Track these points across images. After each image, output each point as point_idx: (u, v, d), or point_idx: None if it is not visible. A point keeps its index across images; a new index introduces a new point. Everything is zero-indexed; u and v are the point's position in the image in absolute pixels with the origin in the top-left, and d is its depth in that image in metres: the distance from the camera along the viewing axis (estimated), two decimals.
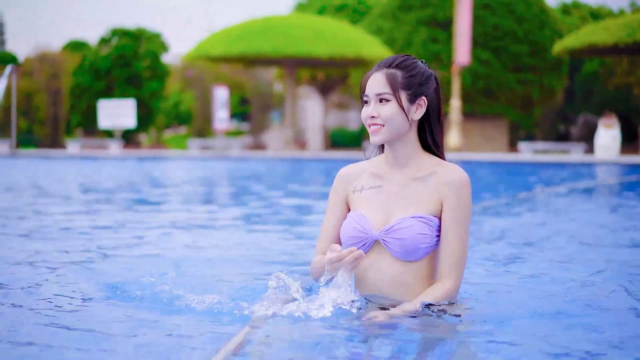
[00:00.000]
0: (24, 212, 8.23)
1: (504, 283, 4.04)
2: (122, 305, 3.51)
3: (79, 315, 3.34)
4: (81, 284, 4.04)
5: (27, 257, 4.92)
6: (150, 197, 10.88)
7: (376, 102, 3.06)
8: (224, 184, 14.50)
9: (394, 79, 3.04)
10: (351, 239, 3.12)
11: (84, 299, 3.66)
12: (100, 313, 3.41)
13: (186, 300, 3.38)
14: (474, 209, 8.52)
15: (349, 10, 40.31)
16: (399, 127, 3.06)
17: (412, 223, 3.03)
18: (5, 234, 6.30)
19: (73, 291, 3.80)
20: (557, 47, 27.15)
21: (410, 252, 3.04)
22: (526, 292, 3.78)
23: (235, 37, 27.60)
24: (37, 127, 37.09)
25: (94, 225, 6.98)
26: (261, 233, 6.62)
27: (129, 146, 33.70)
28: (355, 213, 3.16)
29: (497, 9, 30.61)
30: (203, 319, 3.19)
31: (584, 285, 3.95)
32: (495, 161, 22.48)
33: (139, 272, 4.21)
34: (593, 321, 3.16)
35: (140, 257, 5.18)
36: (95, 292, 3.82)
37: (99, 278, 4.18)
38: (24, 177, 14.88)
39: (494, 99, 31.12)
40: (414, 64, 3.09)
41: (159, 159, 25.19)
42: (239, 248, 5.62)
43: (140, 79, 35.33)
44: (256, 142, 35.15)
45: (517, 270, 4.57)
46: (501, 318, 3.18)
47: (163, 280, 3.79)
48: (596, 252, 5.43)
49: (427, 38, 30.39)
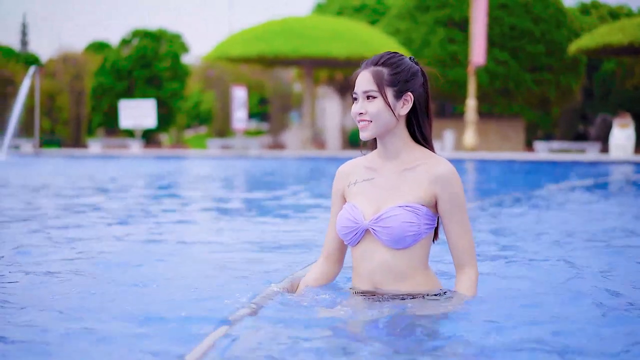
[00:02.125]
0: (51, 208, 8.58)
1: (498, 275, 4.17)
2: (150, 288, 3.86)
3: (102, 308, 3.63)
4: (103, 276, 4.38)
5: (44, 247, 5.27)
6: (173, 193, 11.17)
7: (364, 99, 3.15)
8: (242, 182, 14.76)
9: (379, 76, 3.14)
10: (344, 229, 3.23)
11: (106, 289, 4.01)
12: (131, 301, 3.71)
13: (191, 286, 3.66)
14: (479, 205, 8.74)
15: (368, 10, 40.39)
16: (386, 123, 3.15)
17: (398, 212, 3.12)
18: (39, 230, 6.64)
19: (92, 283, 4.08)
20: (573, 47, 27.19)
21: (398, 240, 3.12)
22: (522, 287, 3.85)
23: (254, 37, 27.79)
24: (59, 127, 37.45)
25: (126, 219, 7.32)
26: (277, 226, 6.89)
27: (150, 146, 34.00)
28: (348, 204, 3.27)
29: (515, 9, 30.71)
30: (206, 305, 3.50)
31: (590, 282, 3.99)
32: (504, 159, 22.56)
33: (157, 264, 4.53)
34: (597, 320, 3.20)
35: (159, 249, 5.48)
36: (123, 283, 4.16)
37: (122, 271, 4.52)
38: (55, 175, 15.25)
39: (511, 99, 31.23)
40: (399, 61, 3.19)
41: (179, 158, 25.45)
42: (253, 241, 5.81)
43: (161, 79, 35.55)
44: (275, 141, 35.29)
45: (514, 266, 4.65)
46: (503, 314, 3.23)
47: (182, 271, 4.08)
48: (594, 249, 5.50)
49: (444, 38, 30.54)
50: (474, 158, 22.86)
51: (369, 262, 3.22)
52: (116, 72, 35.46)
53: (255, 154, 26.11)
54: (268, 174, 16.67)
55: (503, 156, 23.77)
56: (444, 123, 31.91)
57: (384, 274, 3.19)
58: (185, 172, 18.07)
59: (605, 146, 27.84)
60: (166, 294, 3.70)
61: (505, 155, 24.59)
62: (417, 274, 3.20)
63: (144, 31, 36.53)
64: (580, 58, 30.82)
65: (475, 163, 21.25)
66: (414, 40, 30.70)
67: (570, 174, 16.11)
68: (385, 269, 3.18)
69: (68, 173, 16.49)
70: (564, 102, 32.82)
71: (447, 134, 27.71)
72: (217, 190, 12.39)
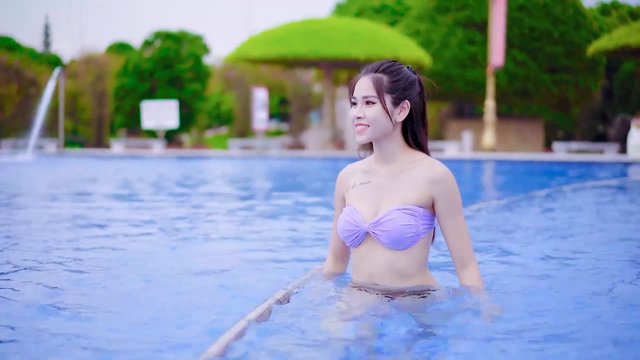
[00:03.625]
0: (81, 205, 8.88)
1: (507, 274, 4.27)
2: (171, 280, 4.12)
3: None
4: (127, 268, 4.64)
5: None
6: (203, 192, 11.43)
7: (362, 104, 3.27)
8: (263, 181, 14.96)
9: (379, 83, 3.24)
10: (345, 231, 3.33)
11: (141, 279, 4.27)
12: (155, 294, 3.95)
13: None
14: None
15: (388, 11, 40.49)
16: (383, 128, 3.25)
17: (396, 215, 3.21)
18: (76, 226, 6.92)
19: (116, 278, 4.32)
20: (591, 49, 27.22)
21: (398, 242, 3.22)
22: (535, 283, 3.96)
23: (274, 39, 27.95)
24: (81, 127, 37.79)
25: (157, 215, 7.60)
26: (297, 223, 7.13)
27: (171, 146, 34.27)
28: (348, 207, 3.37)
29: (534, 11, 30.76)
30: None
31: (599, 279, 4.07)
32: (521, 160, 22.61)
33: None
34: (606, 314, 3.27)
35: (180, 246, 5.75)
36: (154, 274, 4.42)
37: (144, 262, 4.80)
38: (86, 174, 15.57)
39: (529, 100, 31.30)
40: (399, 70, 3.29)
41: (200, 158, 25.70)
42: (272, 238, 6.00)
43: (182, 80, 35.72)
44: (296, 142, 35.40)
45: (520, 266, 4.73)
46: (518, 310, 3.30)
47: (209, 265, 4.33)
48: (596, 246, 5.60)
49: (463, 39, 30.65)
50: (492, 158, 23.01)
51: (369, 262, 3.32)
52: (138, 73, 35.68)
53: (275, 154, 26.34)
54: (289, 174, 16.91)
55: (520, 157, 23.87)
56: (463, 124, 32.04)
57: (385, 273, 3.29)
58: (210, 172, 18.32)
59: (624, 147, 27.87)
60: (184, 290, 3.82)
61: (523, 155, 24.67)
62: (417, 274, 3.30)
63: (166, 33, 36.76)
64: (599, 59, 30.82)
65: (491, 163, 21.39)
66: (434, 42, 30.81)
67: (586, 175, 16.21)
68: (385, 268, 3.28)
69: (98, 172, 16.78)
70: (583, 102, 32.83)
71: (466, 134, 27.85)
72: (244, 189, 12.63)
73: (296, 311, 3.13)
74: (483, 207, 8.37)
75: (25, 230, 6.47)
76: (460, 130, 30.95)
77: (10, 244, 5.53)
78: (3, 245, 5.47)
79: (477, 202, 9.27)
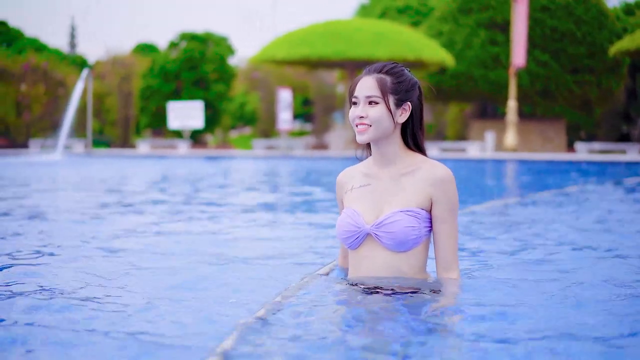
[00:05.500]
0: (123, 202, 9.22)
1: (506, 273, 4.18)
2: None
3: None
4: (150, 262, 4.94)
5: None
6: (234, 191, 11.71)
7: (365, 104, 3.26)
8: (289, 179, 15.20)
9: (383, 83, 3.24)
10: (345, 232, 3.32)
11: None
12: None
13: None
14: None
15: (411, 11, 40.61)
16: (385, 128, 3.25)
17: (400, 217, 3.22)
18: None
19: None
20: (613, 49, 27.26)
21: (401, 243, 3.22)
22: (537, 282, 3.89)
23: (298, 40, 28.15)
24: (108, 127, 38.21)
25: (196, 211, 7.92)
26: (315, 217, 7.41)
27: (196, 146, 34.60)
28: (348, 209, 3.36)
29: (556, 11, 30.79)
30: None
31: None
32: (542, 160, 22.72)
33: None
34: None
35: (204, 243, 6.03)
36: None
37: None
38: (119, 173, 15.92)
39: (552, 101, 31.36)
40: (402, 72, 3.32)
41: (226, 158, 26.00)
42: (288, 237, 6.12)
43: (207, 81, 35.98)
44: (319, 142, 35.52)
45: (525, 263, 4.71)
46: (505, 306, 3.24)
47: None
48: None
49: (486, 40, 30.77)
50: (513, 158, 23.16)
51: (370, 264, 3.31)
52: (164, 74, 35.94)
53: (299, 154, 26.60)
54: (313, 173, 17.15)
55: (541, 157, 24.00)
56: (486, 124, 32.15)
57: (386, 274, 3.29)
58: (237, 171, 18.59)
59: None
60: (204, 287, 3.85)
61: (544, 155, 24.79)
62: (418, 275, 3.30)
63: (191, 34, 37.01)
64: (622, 59, 30.82)
65: (512, 163, 21.54)
66: (456, 42, 30.93)
67: (604, 175, 16.30)
68: (388, 270, 3.28)
69: (130, 171, 17.09)
70: (605, 103, 32.84)
71: (489, 135, 28.01)
72: (272, 186, 12.89)
73: (296, 311, 3.08)
74: (500, 204, 8.56)
75: (80, 219, 6.80)
76: (482, 130, 31.06)
77: (65, 236, 5.85)
78: (58, 237, 5.78)
79: (496, 199, 9.47)
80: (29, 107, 34.61)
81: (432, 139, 35.83)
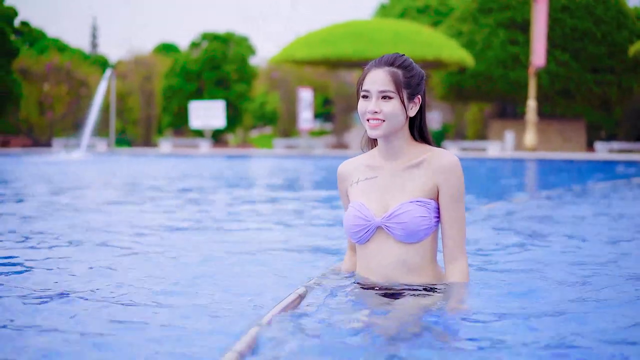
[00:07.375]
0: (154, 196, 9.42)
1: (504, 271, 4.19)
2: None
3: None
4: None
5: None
6: (262, 191, 11.89)
7: (378, 99, 3.15)
8: (311, 177, 15.36)
9: (397, 77, 3.15)
10: (354, 227, 3.25)
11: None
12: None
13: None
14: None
15: (431, 11, 40.69)
16: (398, 123, 3.18)
17: (411, 207, 3.16)
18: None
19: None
20: (633, 49, 27.27)
21: (412, 234, 3.16)
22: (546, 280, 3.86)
23: (318, 41, 28.31)
24: (129, 127, 38.53)
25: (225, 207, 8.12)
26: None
27: (217, 145, 34.86)
28: (356, 203, 3.28)
29: (576, 11, 30.81)
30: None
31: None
32: (561, 159, 22.80)
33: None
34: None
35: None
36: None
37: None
38: (147, 171, 16.12)
39: (572, 100, 31.36)
40: (411, 65, 3.22)
41: (247, 157, 26.23)
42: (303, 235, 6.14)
43: (228, 81, 36.25)
44: (339, 141, 35.62)
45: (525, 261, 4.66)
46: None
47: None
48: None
49: (505, 40, 30.82)
50: (532, 158, 23.25)
51: (381, 257, 3.25)
52: (186, 74, 36.18)
53: (319, 153, 26.78)
54: (334, 172, 17.25)
55: (560, 156, 24.10)
56: (506, 124, 32.22)
57: (398, 268, 3.23)
58: (259, 169, 18.74)
59: None
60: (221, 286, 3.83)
61: (563, 155, 24.88)
62: (429, 267, 3.25)
63: (213, 34, 37.24)
64: None
65: (531, 163, 21.61)
66: (476, 42, 31.00)
67: (623, 174, 16.33)
68: (399, 263, 3.22)
69: (155, 169, 17.25)
70: (625, 102, 32.82)
71: (508, 134, 28.09)
72: (294, 184, 13.02)
73: (305, 313, 3.02)
74: (520, 202, 8.68)
75: (113, 212, 7.02)
76: (502, 130, 31.13)
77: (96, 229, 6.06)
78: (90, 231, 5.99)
79: (516, 196, 9.59)
80: (52, 106, 35.02)
81: (452, 139, 35.88)
